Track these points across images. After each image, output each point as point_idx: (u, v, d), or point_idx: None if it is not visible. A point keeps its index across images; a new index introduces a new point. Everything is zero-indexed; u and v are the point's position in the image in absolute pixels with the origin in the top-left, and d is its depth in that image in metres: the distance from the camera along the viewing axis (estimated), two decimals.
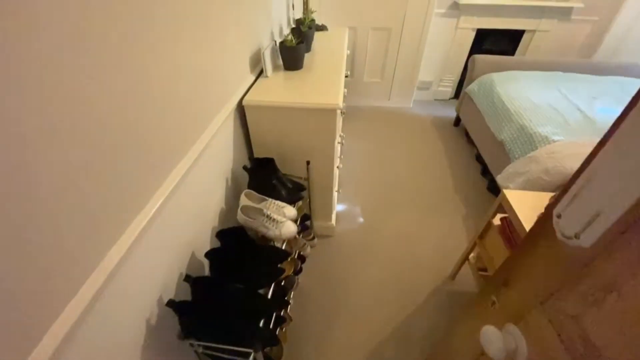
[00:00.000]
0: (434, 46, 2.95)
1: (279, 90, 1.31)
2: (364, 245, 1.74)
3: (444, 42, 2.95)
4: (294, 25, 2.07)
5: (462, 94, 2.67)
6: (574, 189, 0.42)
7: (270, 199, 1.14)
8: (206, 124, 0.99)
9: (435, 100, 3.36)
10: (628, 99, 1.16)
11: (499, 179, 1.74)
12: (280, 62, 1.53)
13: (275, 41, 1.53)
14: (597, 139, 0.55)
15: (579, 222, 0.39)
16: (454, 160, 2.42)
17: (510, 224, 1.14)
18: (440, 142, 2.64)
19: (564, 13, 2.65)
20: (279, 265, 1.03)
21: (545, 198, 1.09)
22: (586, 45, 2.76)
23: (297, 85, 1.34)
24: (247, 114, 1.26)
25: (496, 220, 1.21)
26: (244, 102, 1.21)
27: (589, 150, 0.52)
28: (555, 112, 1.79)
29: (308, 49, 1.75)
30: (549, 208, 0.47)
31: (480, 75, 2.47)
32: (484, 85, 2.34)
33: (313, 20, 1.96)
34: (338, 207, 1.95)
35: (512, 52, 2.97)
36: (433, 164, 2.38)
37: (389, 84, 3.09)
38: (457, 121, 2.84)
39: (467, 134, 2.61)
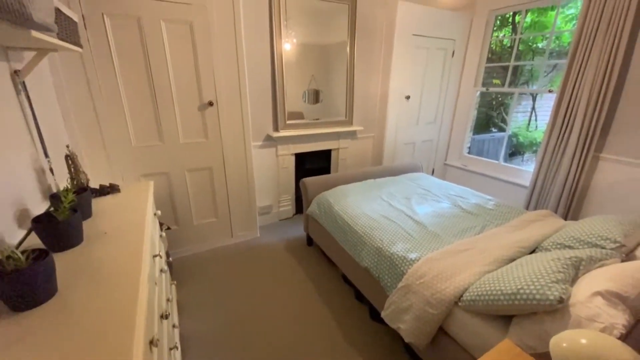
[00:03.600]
0: (262, 173, 2.93)
1: None
2: None
3: (270, 168, 2.98)
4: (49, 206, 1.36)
5: (305, 216, 2.60)
6: None
7: None
8: None
9: (280, 220, 3.22)
10: (427, 192, 2.44)
11: (386, 318, 1.51)
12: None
13: None
14: (443, 248, 1.18)
15: None
16: (325, 291, 2.13)
17: None
18: (304, 273, 2.35)
19: (352, 134, 3.30)
20: None
21: None
22: (375, 154, 3.49)
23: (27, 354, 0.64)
24: None
25: None
26: None
27: (445, 263, 1.07)
28: (392, 224, 1.87)
29: (76, 241, 1.09)
30: None
31: (314, 195, 2.51)
32: (322, 205, 2.34)
33: (87, 189, 1.35)
34: None
35: (329, 166, 3.36)
36: (309, 310, 1.98)
37: (227, 220, 2.69)
38: (310, 240, 2.71)
39: (323, 252, 2.48)
